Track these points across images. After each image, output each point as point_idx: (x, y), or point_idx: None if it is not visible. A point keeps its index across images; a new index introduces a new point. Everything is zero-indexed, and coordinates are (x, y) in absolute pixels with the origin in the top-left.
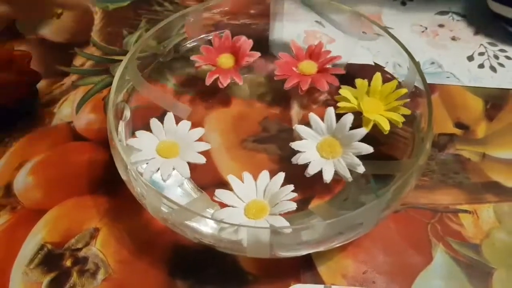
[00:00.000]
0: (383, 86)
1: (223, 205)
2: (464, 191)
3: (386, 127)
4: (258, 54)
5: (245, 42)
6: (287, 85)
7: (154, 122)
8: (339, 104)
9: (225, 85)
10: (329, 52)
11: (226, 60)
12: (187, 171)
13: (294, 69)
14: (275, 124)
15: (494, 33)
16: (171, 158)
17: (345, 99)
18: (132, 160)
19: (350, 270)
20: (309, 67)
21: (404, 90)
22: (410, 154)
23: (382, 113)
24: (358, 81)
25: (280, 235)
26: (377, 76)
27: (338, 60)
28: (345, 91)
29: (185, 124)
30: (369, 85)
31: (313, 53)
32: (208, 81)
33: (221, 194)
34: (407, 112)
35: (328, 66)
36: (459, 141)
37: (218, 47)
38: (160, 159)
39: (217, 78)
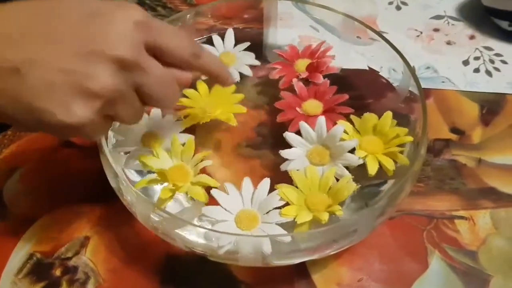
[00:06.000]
0: (391, 128)
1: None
2: (460, 197)
3: (371, 171)
4: (324, 79)
5: (321, 63)
6: (292, 129)
7: None
8: None
9: (272, 77)
10: (334, 88)
11: (301, 64)
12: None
13: (298, 109)
14: (270, 130)
15: (490, 37)
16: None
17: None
18: (114, 147)
19: (345, 278)
20: (314, 106)
21: (409, 139)
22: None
23: (378, 155)
24: (366, 115)
25: (275, 244)
26: (388, 115)
27: (345, 99)
28: (345, 123)
29: (171, 116)
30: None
31: (318, 92)
32: (274, 75)
33: (209, 211)
34: (406, 162)
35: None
36: (454, 146)
37: (303, 51)
38: (143, 149)
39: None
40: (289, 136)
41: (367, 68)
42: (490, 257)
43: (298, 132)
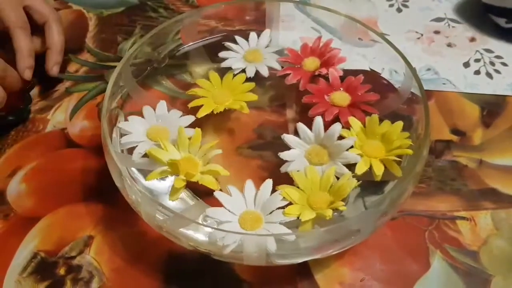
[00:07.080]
0: (399, 140)
1: None
2: (462, 197)
3: (358, 171)
4: (340, 72)
5: (333, 56)
6: (313, 112)
7: (146, 108)
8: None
9: (289, 83)
10: (367, 87)
11: (309, 63)
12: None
13: (326, 97)
14: (271, 131)
15: (490, 39)
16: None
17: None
18: (122, 142)
19: (347, 278)
20: (342, 98)
21: (409, 151)
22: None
23: (372, 159)
24: (368, 119)
25: (279, 243)
26: (399, 124)
27: (375, 99)
28: (356, 122)
29: (176, 112)
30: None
31: (350, 86)
32: (280, 73)
33: (213, 212)
34: (399, 173)
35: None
36: (456, 147)
37: (312, 49)
38: (150, 142)
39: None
40: (287, 137)
41: (369, 70)
42: (491, 257)
43: (297, 133)
